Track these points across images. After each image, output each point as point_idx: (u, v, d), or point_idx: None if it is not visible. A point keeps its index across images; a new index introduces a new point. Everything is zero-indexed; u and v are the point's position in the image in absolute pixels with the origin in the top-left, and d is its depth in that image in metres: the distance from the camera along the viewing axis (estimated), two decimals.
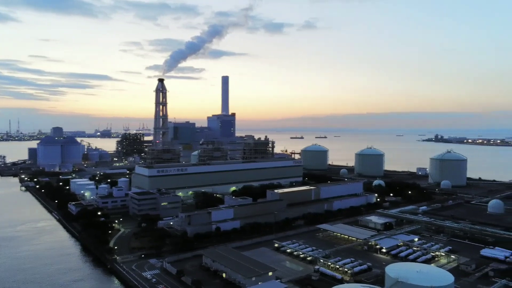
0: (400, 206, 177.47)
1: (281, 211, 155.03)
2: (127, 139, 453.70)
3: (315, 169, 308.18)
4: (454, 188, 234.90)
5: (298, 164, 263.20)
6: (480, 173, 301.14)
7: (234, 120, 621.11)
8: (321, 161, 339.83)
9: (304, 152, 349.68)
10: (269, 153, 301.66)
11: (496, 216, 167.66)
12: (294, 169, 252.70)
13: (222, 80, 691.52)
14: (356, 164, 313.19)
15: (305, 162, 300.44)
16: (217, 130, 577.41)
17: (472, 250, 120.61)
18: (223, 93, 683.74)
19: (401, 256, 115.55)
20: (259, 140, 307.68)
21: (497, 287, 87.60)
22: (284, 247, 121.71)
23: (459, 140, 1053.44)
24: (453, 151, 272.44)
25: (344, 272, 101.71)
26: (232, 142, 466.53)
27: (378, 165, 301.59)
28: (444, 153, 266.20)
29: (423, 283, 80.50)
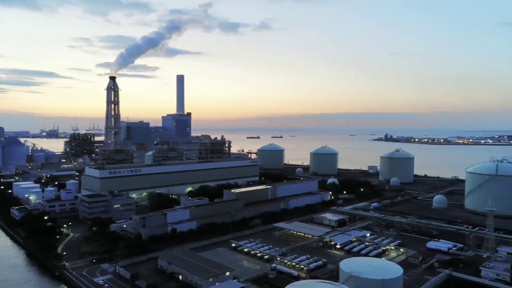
0: (353, 203, 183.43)
1: (238, 210, 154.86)
2: (76, 139, 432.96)
3: (271, 169, 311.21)
4: (402, 185, 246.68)
5: (255, 163, 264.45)
6: (426, 170, 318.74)
7: (189, 119, 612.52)
8: (277, 161, 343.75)
9: (260, 151, 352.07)
10: (225, 153, 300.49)
11: (440, 210, 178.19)
12: (250, 168, 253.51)
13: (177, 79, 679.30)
14: (311, 163, 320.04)
15: (261, 161, 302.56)
16: (172, 130, 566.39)
17: (419, 243, 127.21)
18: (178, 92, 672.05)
19: (354, 251, 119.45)
20: (215, 140, 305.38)
21: (441, 277, 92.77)
22: (241, 247, 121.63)
23: (406, 139, 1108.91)
24: (401, 150, 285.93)
25: (300, 269, 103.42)
26: (188, 142, 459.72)
27: (332, 164, 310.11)
28: (393, 152, 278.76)
29: (374, 276, 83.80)
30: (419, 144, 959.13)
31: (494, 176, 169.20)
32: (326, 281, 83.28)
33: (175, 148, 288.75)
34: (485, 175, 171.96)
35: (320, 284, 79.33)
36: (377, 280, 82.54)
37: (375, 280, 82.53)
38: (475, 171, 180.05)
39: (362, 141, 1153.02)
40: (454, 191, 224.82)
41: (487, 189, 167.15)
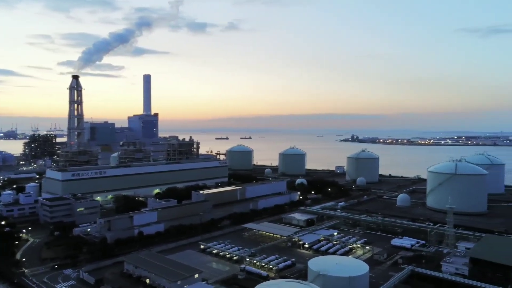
0: (321, 203, 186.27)
1: (207, 212, 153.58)
2: (37, 140, 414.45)
3: (240, 169, 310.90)
4: (368, 184, 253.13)
5: (224, 164, 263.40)
6: (390, 170, 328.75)
7: (157, 120, 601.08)
8: (246, 161, 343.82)
9: (229, 152, 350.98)
10: (194, 154, 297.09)
11: (404, 208, 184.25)
12: (219, 169, 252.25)
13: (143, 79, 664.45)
14: (280, 164, 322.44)
15: (230, 162, 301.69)
16: (139, 131, 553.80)
17: (384, 241, 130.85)
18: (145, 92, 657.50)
19: (322, 250, 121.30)
20: (183, 140, 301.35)
21: (405, 272, 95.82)
22: (210, 248, 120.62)
23: (372, 140, 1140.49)
24: (367, 150, 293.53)
25: (270, 269, 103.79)
26: (155, 143, 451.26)
27: (301, 164, 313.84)
28: (359, 152, 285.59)
29: (342, 274, 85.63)
30: (383, 144, 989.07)
31: (454, 175, 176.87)
32: (295, 280, 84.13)
33: (141, 149, 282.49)
34: (445, 174, 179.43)
35: (288, 284, 79.98)
36: (344, 277, 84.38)
37: (342, 278, 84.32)
38: (436, 170, 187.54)
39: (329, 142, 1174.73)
40: (416, 189, 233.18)
41: (447, 187, 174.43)
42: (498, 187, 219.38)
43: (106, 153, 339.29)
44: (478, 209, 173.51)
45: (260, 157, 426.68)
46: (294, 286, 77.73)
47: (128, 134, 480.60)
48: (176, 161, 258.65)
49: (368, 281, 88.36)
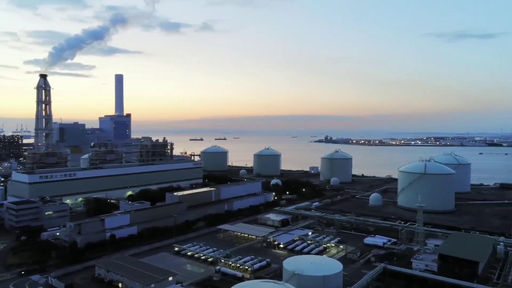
0: (296, 203, 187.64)
1: (181, 213, 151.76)
2: (2, 141, 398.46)
3: (215, 170, 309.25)
4: (341, 184, 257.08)
5: (198, 165, 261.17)
6: (363, 170, 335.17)
7: (129, 121, 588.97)
8: (221, 162, 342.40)
9: (204, 153, 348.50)
10: (167, 155, 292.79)
11: (376, 207, 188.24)
12: (194, 170, 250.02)
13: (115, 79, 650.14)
14: (254, 165, 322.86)
15: (205, 163, 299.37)
16: (111, 132, 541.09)
17: (357, 239, 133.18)
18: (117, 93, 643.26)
19: (297, 249, 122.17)
20: (157, 141, 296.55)
21: (377, 270, 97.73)
22: (185, 250, 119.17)
23: (345, 140, 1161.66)
24: (340, 151, 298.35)
25: (245, 270, 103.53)
26: (127, 144, 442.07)
27: (275, 165, 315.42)
28: (333, 153, 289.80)
29: (316, 273, 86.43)
30: (356, 145, 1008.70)
31: (423, 174, 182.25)
32: (270, 280, 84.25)
33: (113, 151, 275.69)
34: (415, 174, 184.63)
35: (264, 284, 79.97)
36: (318, 276, 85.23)
37: (316, 277, 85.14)
38: (406, 170, 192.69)
39: (304, 143, 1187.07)
40: (388, 189, 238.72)
41: (417, 186, 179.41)
42: (464, 186, 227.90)
43: (76, 154, 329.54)
44: (446, 207, 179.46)
45: (235, 158, 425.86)
46: (269, 286, 77.76)
47: (99, 135, 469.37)
48: (150, 162, 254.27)
49: (342, 279, 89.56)
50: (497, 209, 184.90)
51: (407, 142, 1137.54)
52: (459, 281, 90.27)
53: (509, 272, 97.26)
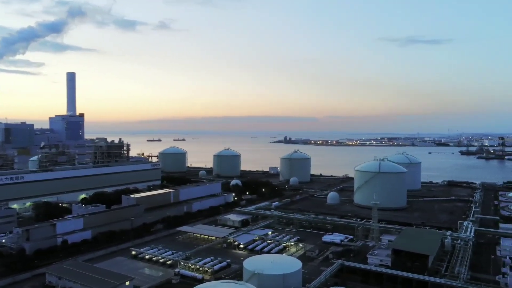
0: (256, 203, 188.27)
1: (139, 216, 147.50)
2: None
3: (174, 172, 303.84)
4: (300, 184, 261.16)
5: (156, 167, 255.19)
6: (321, 170, 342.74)
7: (82, 121, 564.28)
8: (180, 164, 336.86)
9: (162, 154, 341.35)
10: (124, 156, 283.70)
11: (334, 206, 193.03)
12: (151, 172, 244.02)
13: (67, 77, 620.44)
14: (214, 165, 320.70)
15: (163, 165, 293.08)
16: (62, 133, 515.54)
17: (316, 238, 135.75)
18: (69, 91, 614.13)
19: (257, 249, 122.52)
20: (112, 142, 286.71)
21: (335, 267, 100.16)
22: (143, 254, 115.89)
23: (304, 141, 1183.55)
24: (299, 151, 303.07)
25: (205, 271, 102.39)
26: (80, 145, 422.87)
27: (235, 165, 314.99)
28: (292, 153, 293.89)
29: (276, 272, 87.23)
30: (315, 145, 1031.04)
31: (378, 173, 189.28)
32: (230, 281, 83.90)
33: (65, 152, 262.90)
34: (370, 173, 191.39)
35: (224, 285, 79.49)
36: (278, 275, 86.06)
37: (276, 276, 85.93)
38: (362, 169, 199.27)
39: (263, 143, 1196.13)
40: (345, 188, 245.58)
41: (372, 185, 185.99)
42: (415, 183, 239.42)
43: (24, 156, 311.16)
44: (399, 204, 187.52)
45: (194, 159, 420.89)
46: (230, 286, 77.39)
47: (49, 136, 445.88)
48: (105, 164, 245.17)
49: (301, 277, 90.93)
50: (444, 205, 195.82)
51: (363, 142, 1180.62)
52: (411, 274, 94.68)
53: (456, 264, 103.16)
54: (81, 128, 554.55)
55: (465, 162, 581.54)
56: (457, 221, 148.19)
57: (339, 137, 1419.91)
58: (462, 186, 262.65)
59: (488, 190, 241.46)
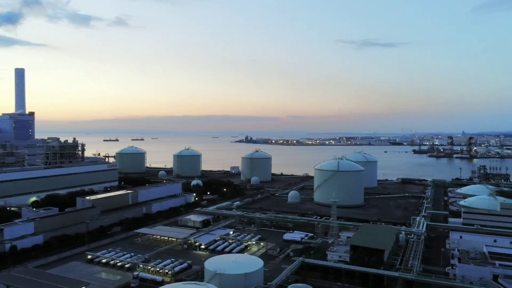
0: (217, 203, 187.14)
1: (95, 219, 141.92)
2: None
3: (132, 173, 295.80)
4: (262, 183, 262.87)
5: (113, 167, 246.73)
6: (281, 169, 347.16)
7: (32, 120, 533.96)
8: (139, 164, 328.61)
9: (119, 155, 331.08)
10: (78, 157, 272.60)
11: (294, 204, 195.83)
12: (108, 173, 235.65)
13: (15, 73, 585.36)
14: (174, 166, 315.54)
15: (121, 165, 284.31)
16: (10, 132, 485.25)
17: (277, 236, 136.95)
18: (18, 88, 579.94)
19: (219, 249, 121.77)
20: (65, 142, 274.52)
21: (296, 264, 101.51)
22: (99, 258, 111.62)
23: (265, 140, 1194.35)
24: (260, 151, 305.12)
25: (165, 273, 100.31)
26: (30, 145, 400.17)
27: (196, 165, 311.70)
28: (253, 153, 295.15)
29: (238, 271, 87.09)
30: (275, 145, 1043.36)
31: (336, 172, 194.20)
32: (191, 282, 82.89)
33: (13, 153, 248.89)
34: (329, 171, 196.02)
35: (185, 286, 78.37)
36: (240, 274, 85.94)
37: (238, 275, 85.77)
38: (321, 168, 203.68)
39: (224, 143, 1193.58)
40: (305, 186, 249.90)
41: (331, 183, 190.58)
42: (372, 181, 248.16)
43: None
44: (356, 201, 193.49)
45: (154, 159, 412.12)
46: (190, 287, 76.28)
47: None
48: (58, 165, 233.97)
49: (263, 275, 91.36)
50: (399, 202, 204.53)
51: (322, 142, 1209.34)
52: (368, 269, 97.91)
53: (409, 257, 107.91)
54: (31, 128, 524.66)
55: (417, 161, 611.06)
56: (410, 216, 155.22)
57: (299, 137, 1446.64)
58: (415, 183, 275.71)
59: (439, 187, 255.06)
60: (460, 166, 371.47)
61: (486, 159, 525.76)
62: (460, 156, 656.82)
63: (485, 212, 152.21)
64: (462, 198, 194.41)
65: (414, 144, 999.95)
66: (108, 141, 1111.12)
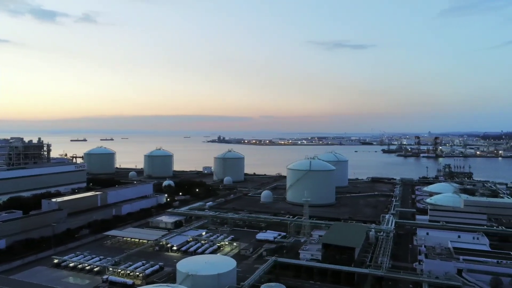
0: (189, 204, 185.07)
1: (62, 222, 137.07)
2: None
3: (101, 173, 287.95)
4: (234, 183, 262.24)
5: (81, 168, 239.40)
6: (254, 169, 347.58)
7: None
8: (108, 165, 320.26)
9: (88, 155, 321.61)
10: (44, 157, 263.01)
11: (267, 204, 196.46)
12: (76, 174, 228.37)
13: None
14: (145, 166, 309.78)
15: (89, 166, 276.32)
16: None
17: (250, 236, 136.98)
18: None
19: (191, 251, 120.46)
20: (30, 142, 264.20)
21: (269, 263, 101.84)
22: (66, 262, 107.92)
23: (237, 140, 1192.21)
24: (233, 150, 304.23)
25: (136, 276, 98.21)
26: None
27: (168, 166, 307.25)
28: (225, 152, 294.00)
29: (211, 272, 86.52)
30: (248, 145, 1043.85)
31: (308, 171, 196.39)
32: (163, 284, 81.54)
33: None
34: (302, 171, 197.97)
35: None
36: (213, 275, 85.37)
37: (211, 276, 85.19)
38: (294, 167, 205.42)
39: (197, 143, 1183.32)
40: (278, 186, 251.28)
41: (303, 182, 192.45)
42: (343, 180, 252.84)
43: None
44: (328, 200, 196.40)
45: (124, 160, 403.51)
46: None
47: None
48: (21, 166, 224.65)
49: (236, 275, 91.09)
50: (369, 200, 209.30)
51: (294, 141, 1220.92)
52: (339, 266, 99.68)
53: (379, 254, 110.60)
54: None
55: (386, 160, 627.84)
56: (380, 214, 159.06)
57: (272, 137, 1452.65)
58: (384, 182, 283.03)
59: (406, 185, 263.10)
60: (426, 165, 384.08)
61: (450, 158, 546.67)
62: (427, 155, 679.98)
63: (450, 209, 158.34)
64: (429, 196, 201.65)
65: (383, 144, 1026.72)
66: (75, 141, 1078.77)
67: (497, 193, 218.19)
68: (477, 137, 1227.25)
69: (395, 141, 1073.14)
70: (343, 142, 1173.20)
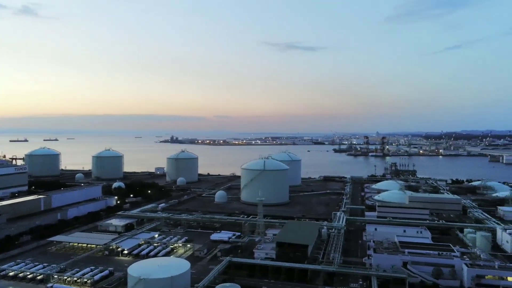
0: (141, 206, 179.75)
1: (0, 228, 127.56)
2: None
3: (45, 176, 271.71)
4: (188, 184, 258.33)
5: (22, 171, 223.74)
6: (208, 169, 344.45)
7: None
8: (52, 166, 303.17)
9: (29, 157, 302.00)
10: None
11: (222, 204, 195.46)
12: (16, 176, 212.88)
13: None
14: (93, 167, 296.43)
15: (31, 168, 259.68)
16: None
17: (204, 237, 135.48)
18: None
19: (143, 254, 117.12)
20: None
21: (223, 264, 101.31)
22: (5, 270, 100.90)
23: (191, 140, 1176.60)
24: (187, 151, 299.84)
25: (84, 283, 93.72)
26: None
27: (117, 167, 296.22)
28: (179, 153, 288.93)
29: (164, 275, 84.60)
30: (202, 145, 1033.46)
31: (262, 171, 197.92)
32: None
33: None
34: (256, 171, 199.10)
35: None
36: (166, 278, 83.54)
37: (164, 279, 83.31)
38: (248, 167, 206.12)
39: (148, 143, 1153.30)
40: (232, 186, 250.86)
41: (258, 182, 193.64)
42: (296, 179, 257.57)
43: None
44: (282, 199, 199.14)
45: (70, 161, 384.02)
46: None
47: None
48: None
49: (190, 277, 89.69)
50: (321, 198, 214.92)
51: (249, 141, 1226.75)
52: (293, 264, 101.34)
53: (331, 250, 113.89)
54: None
55: (337, 159, 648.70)
56: (331, 212, 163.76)
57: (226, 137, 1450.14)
58: (335, 180, 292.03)
59: (356, 183, 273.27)
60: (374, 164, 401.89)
61: (396, 157, 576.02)
62: (375, 154, 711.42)
63: (396, 205, 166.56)
64: (377, 193, 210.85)
65: (335, 143, 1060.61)
66: (15, 142, 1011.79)
67: (438, 189, 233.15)
68: (420, 137, 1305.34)
69: (345, 141, 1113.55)
70: (296, 142, 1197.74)
